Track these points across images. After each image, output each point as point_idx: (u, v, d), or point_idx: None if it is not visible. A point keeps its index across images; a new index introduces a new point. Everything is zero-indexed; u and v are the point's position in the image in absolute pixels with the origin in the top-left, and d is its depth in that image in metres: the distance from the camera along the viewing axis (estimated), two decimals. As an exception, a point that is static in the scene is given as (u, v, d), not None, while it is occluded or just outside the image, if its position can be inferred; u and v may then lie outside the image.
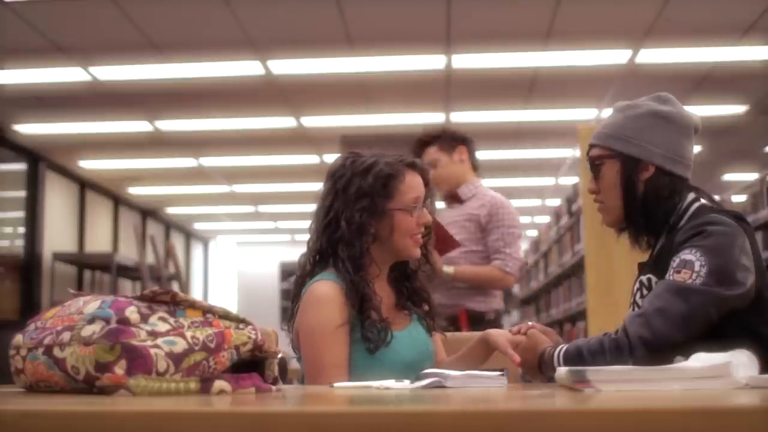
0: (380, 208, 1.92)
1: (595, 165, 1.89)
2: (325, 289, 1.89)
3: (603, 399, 1.12)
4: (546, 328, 1.90)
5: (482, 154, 10.41)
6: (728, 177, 9.56)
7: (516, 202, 12.72)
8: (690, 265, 1.67)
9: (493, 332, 1.91)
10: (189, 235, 14.17)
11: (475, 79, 6.65)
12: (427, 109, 7.54)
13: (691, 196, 1.84)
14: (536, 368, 1.78)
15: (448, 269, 3.24)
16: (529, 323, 1.90)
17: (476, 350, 1.96)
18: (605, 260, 4.27)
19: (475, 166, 3.55)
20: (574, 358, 1.71)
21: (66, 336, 1.24)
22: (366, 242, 1.92)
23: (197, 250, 14.74)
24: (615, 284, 4.12)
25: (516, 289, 11.09)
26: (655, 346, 1.63)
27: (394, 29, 5.67)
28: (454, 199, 3.48)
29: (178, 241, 13.09)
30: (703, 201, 1.83)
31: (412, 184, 1.96)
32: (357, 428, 0.90)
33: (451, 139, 3.48)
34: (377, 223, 1.93)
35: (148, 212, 11.83)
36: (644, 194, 1.83)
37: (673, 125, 1.84)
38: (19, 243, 8.53)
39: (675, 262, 1.70)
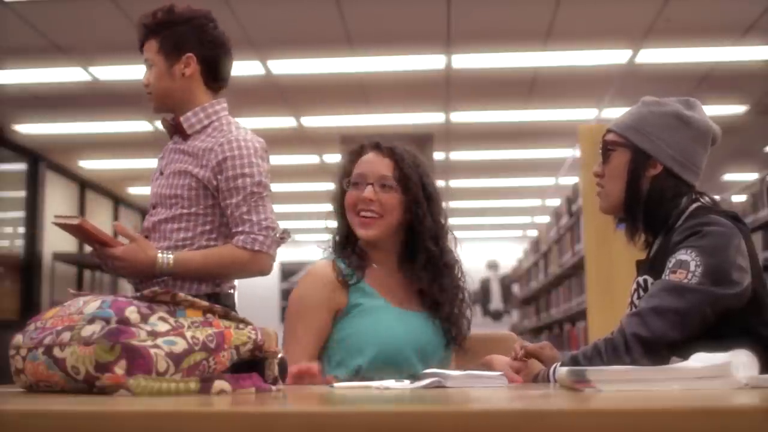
0: (340, 186, 2.06)
1: (606, 150, 1.90)
2: (314, 267, 2.05)
3: (603, 399, 1.12)
4: (542, 344, 1.88)
5: (482, 154, 10.40)
6: (728, 177, 9.57)
7: (516, 202, 12.71)
8: (685, 266, 1.67)
9: (495, 358, 1.91)
10: (189, 235, 14.13)
11: (475, 79, 6.65)
12: (427, 109, 7.54)
13: (691, 197, 1.84)
14: None
15: (166, 257, 2.23)
16: (518, 345, 1.88)
17: None
18: (605, 260, 4.28)
19: (220, 83, 2.47)
20: (570, 365, 1.71)
21: (66, 336, 1.24)
22: (337, 219, 2.08)
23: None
24: (615, 284, 4.12)
25: (516, 289, 11.09)
26: (651, 344, 1.63)
27: (394, 29, 5.67)
28: (177, 130, 2.41)
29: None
30: (701, 202, 1.83)
31: (364, 160, 2.05)
32: (357, 428, 0.90)
33: (177, 38, 2.35)
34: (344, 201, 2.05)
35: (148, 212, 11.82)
36: (648, 192, 1.84)
37: (692, 131, 1.85)
38: (19, 243, 8.53)
39: (671, 262, 1.71)
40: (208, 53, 2.40)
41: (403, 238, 2.05)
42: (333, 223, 2.11)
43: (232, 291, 2.43)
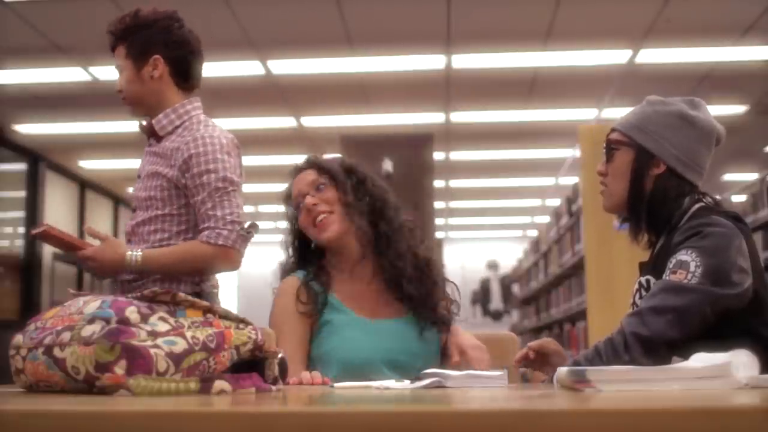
0: (287, 213, 2.17)
1: (610, 148, 1.90)
2: (282, 284, 2.13)
3: (603, 399, 1.12)
4: (544, 339, 1.89)
5: (482, 154, 10.39)
6: (728, 177, 9.57)
7: (516, 202, 12.71)
8: (686, 266, 1.67)
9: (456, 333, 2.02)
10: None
11: (475, 79, 6.66)
12: (427, 109, 7.54)
13: (694, 197, 1.84)
14: None
15: (134, 254, 2.25)
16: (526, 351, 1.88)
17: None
18: (605, 260, 4.28)
19: (191, 83, 2.47)
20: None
21: (66, 336, 1.24)
22: (293, 243, 2.18)
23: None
24: (615, 284, 4.13)
25: (516, 289, 11.09)
26: (650, 343, 1.63)
27: (394, 29, 5.67)
28: (152, 133, 2.44)
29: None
30: (703, 202, 1.83)
31: (295, 181, 2.14)
32: (357, 428, 0.90)
33: (142, 41, 2.37)
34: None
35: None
36: (652, 191, 1.84)
37: (696, 131, 1.85)
38: (19, 243, 8.53)
39: (671, 263, 1.71)
40: (174, 54, 2.42)
41: (362, 242, 2.07)
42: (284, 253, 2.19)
43: (215, 290, 2.46)
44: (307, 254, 2.16)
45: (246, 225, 2.34)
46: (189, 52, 2.45)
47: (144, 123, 2.45)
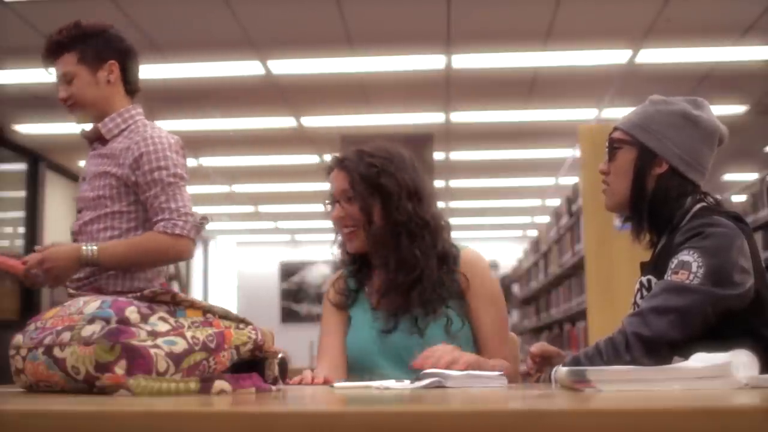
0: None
1: (612, 147, 1.90)
2: (331, 276, 2.22)
3: (603, 399, 1.12)
4: (539, 344, 1.89)
5: (482, 154, 10.39)
6: (728, 177, 9.56)
7: (516, 202, 12.70)
8: (687, 266, 1.67)
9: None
10: (189, 235, 14.14)
11: (475, 79, 6.65)
12: (427, 109, 7.54)
13: (695, 197, 1.84)
14: None
15: (90, 247, 2.30)
16: (533, 349, 1.88)
17: None
18: (605, 260, 4.28)
19: (135, 88, 2.56)
20: (572, 366, 1.71)
21: (66, 336, 1.24)
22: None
23: (197, 250, 14.72)
24: (615, 284, 4.13)
25: (516, 289, 11.09)
26: (651, 343, 1.63)
27: (394, 29, 5.67)
28: (97, 137, 2.51)
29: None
30: (705, 202, 1.83)
31: (330, 179, 2.11)
32: (357, 428, 0.90)
33: (97, 47, 2.49)
34: None
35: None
36: (654, 190, 1.84)
37: (699, 131, 1.85)
38: (19, 243, 8.52)
39: (673, 263, 1.71)
40: (125, 60, 2.53)
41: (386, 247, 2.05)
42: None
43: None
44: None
45: (198, 217, 2.42)
46: (135, 59, 2.57)
47: (86, 129, 2.54)
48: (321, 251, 2.24)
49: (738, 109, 7.39)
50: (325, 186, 2.16)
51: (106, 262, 2.32)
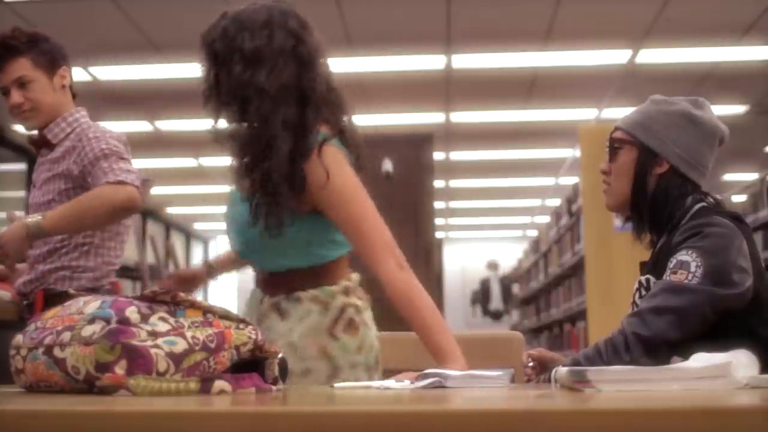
0: None
1: (613, 147, 1.90)
2: (339, 151, 2.00)
3: (603, 399, 1.12)
4: (537, 350, 1.89)
5: (482, 154, 10.37)
6: (728, 177, 9.57)
7: (516, 202, 12.68)
8: (686, 266, 1.67)
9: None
10: (189, 235, 14.16)
11: (475, 79, 6.66)
12: (427, 109, 7.54)
13: (696, 197, 1.84)
14: None
15: (34, 218, 2.28)
16: (530, 352, 1.89)
17: None
18: (605, 260, 4.28)
19: (74, 92, 2.58)
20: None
21: (66, 336, 1.24)
22: None
23: (197, 250, 14.74)
24: (615, 284, 4.13)
25: (516, 289, 11.09)
26: (651, 343, 1.63)
27: (394, 29, 5.67)
28: (44, 143, 2.51)
29: (178, 241, 13.08)
30: (705, 202, 1.83)
31: None
32: (357, 428, 0.90)
33: (51, 53, 2.49)
34: None
35: (148, 212, 11.83)
36: (654, 190, 1.84)
37: (700, 131, 1.85)
38: (19, 243, 8.51)
39: (672, 263, 1.71)
40: (70, 65, 2.55)
41: None
42: None
43: (110, 288, 2.50)
44: None
45: (142, 174, 2.42)
46: (69, 65, 2.57)
47: (33, 136, 2.53)
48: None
49: (738, 109, 7.40)
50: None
51: (52, 226, 2.28)
